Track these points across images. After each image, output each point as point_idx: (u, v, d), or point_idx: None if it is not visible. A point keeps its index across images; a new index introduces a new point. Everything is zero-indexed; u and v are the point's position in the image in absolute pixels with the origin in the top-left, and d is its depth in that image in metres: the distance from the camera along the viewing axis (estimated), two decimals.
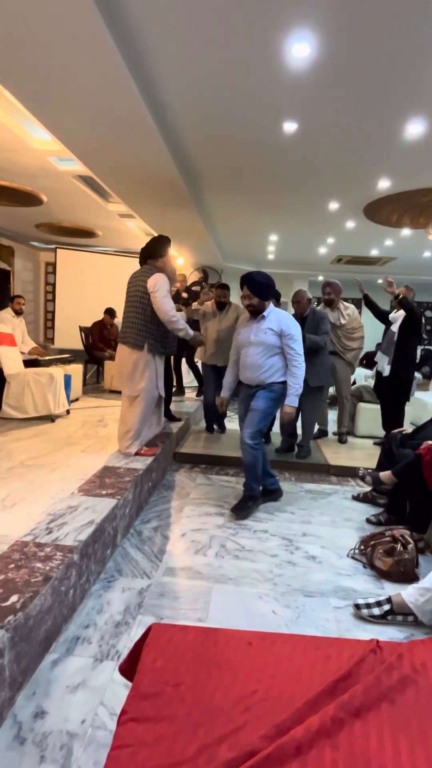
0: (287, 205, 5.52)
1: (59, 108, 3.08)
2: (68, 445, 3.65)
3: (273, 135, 3.54)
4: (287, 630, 1.95)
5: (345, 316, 4.63)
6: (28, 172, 4.81)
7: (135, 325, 3.30)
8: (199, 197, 5.30)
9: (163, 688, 0.86)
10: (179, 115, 3.33)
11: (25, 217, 6.88)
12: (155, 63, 2.70)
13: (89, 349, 7.18)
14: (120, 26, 2.37)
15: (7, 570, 1.81)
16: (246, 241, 7.86)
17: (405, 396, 4.40)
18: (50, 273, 9.95)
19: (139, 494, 3.05)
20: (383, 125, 3.31)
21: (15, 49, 2.43)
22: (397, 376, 4.30)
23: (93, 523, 2.27)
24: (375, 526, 3.03)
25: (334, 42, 2.42)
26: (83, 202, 5.90)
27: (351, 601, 2.16)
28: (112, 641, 1.83)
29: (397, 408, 4.46)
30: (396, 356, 4.28)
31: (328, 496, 3.56)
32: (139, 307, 3.29)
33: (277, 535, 2.84)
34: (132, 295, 3.37)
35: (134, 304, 3.33)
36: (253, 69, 2.70)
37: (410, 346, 4.31)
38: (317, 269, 10.36)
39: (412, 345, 4.32)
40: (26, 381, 4.40)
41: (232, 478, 3.83)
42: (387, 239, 7.11)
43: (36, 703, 1.51)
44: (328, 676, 0.91)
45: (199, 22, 2.33)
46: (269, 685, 0.89)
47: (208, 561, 2.49)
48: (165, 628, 1.01)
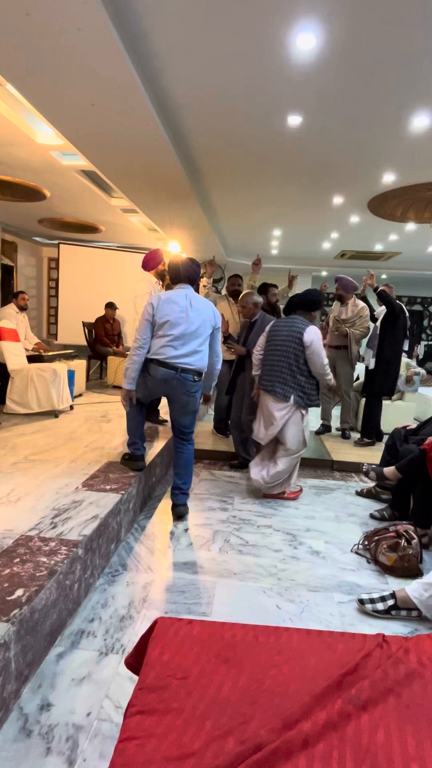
0: (291, 200, 5.48)
1: (62, 102, 3.06)
2: (72, 441, 3.66)
3: (277, 128, 3.51)
4: (291, 624, 1.95)
5: (349, 311, 4.63)
6: (31, 167, 4.80)
7: (282, 375, 3.24)
8: (203, 192, 5.28)
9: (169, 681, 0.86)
10: (182, 108, 3.30)
11: (28, 213, 6.86)
12: (159, 55, 2.68)
13: (92, 345, 7.18)
14: (123, 17, 2.35)
15: (12, 564, 1.82)
16: (249, 236, 7.82)
17: (383, 389, 4.43)
18: (53, 269, 9.94)
19: (142, 489, 3.06)
20: (388, 118, 3.28)
21: (18, 42, 2.41)
22: (380, 369, 4.36)
23: (97, 518, 2.28)
24: (379, 522, 3.03)
25: (339, 33, 2.39)
26: (86, 197, 5.88)
27: (355, 596, 2.17)
28: (116, 635, 1.84)
29: (373, 399, 4.50)
30: (379, 350, 4.36)
31: (331, 492, 3.56)
32: (292, 359, 3.22)
33: (281, 530, 2.84)
34: (282, 346, 3.28)
35: (286, 356, 3.24)
36: (258, 61, 2.67)
37: (392, 341, 4.35)
38: (321, 264, 10.31)
39: (394, 339, 4.35)
40: (30, 377, 4.41)
41: (236, 474, 3.83)
42: (391, 234, 7.06)
43: (42, 696, 1.52)
44: (334, 670, 0.91)
45: (203, 15, 2.31)
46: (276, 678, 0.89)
47: (212, 556, 2.49)
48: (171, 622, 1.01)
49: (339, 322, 4.67)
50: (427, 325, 13.26)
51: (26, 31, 2.33)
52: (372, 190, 4.91)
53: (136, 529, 2.78)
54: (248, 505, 3.21)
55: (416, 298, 13.13)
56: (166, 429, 4.24)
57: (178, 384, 2.78)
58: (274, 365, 3.25)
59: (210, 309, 2.88)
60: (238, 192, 5.25)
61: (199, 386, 2.87)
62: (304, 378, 3.21)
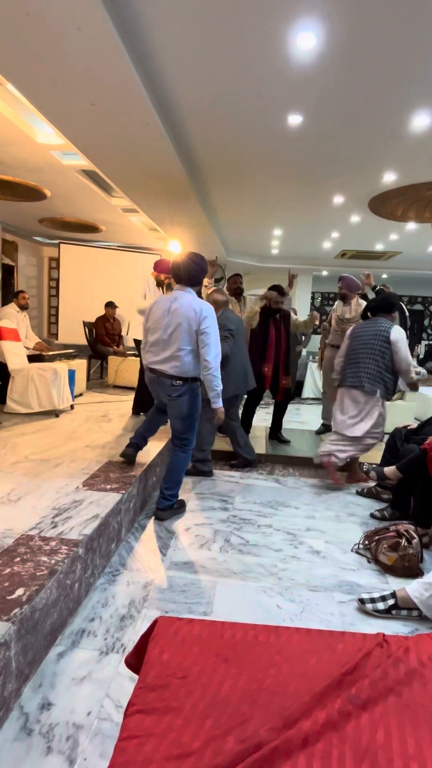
0: (291, 199, 5.48)
1: (63, 101, 3.06)
2: (72, 440, 3.66)
3: (277, 128, 3.51)
4: (292, 624, 1.95)
5: (353, 311, 4.62)
6: (31, 167, 4.80)
7: (369, 371, 3.49)
8: (203, 191, 5.27)
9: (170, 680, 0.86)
10: (183, 108, 3.30)
11: (29, 212, 6.87)
12: (159, 55, 2.68)
13: (93, 345, 7.18)
14: (123, 17, 2.35)
15: (13, 563, 1.82)
16: (250, 236, 7.82)
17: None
18: (54, 268, 9.95)
19: (143, 489, 3.06)
20: (389, 118, 3.27)
21: (18, 41, 2.41)
22: None
23: (98, 518, 2.28)
24: (379, 521, 3.03)
25: (339, 33, 2.39)
26: (87, 197, 5.88)
27: (355, 595, 2.17)
28: (117, 634, 1.84)
29: None
30: None
31: (332, 492, 3.56)
32: (378, 356, 3.48)
33: (282, 530, 2.84)
34: (367, 345, 3.52)
35: (372, 353, 3.50)
36: (258, 60, 2.67)
37: None
38: (321, 264, 10.30)
39: None
40: (30, 376, 4.41)
41: (236, 473, 3.83)
42: (392, 233, 7.06)
43: (42, 695, 1.53)
44: (335, 670, 0.91)
45: (203, 14, 2.31)
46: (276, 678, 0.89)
47: (213, 555, 2.49)
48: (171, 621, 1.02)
49: (343, 321, 4.66)
50: (428, 325, 13.25)
51: (26, 31, 2.33)
52: (372, 189, 4.91)
53: (136, 529, 2.79)
54: (249, 504, 3.21)
55: (417, 298, 13.13)
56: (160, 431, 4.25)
57: (159, 387, 2.86)
58: (360, 363, 3.52)
59: (190, 312, 2.69)
60: (239, 191, 5.25)
61: (181, 390, 2.78)
62: (388, 374, 3.51)
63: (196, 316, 2.69)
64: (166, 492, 2.94)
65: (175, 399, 2.80)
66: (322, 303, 13.77)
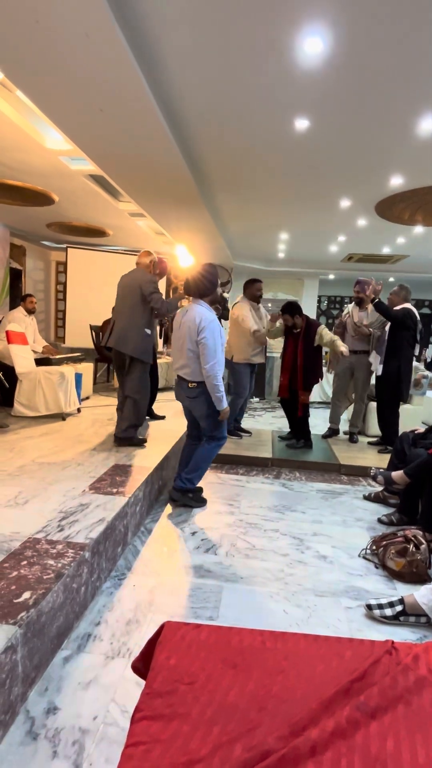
0: (298, 203, 5.48)
1: (71, 107, 3.09)
2: (79, 443, 3.67)
3: (284, 132, 3.51)
4: (298, 629, 1.94)
5: (370, 316, 4.60)
6: (40, 172, 4.84)
7: None
8: (210, 196, 5.29)
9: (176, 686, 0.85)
10: (190, 113, 3.32)
11: (37, 217, 6.92)
12: (166, 60, 2.70)
13: (100, 348, 7.21)
14: (131, 24, 2.37)
15: (20, 567, 1.82)
16: (256, 240, 7.83)
17: (397, 395, 4.43)
18: (61, 272, 10.00)
19: (149, 492, 3.06)
20: (396, 121, 3.27)
21: (28, 49, 2.44)
22: (390, 375, 4.35)
23: (104, 521, 2.28)
24: (387, 526, 3.00)
25: (346, 37, 2.40)
26: (94, 202, 5.92)
27: (363, 601, 2.15)
28: (123, 639, 1.83)
29: (389, 406, 4.49)
30: (387, 356, 4.34)
31: (339, 496, 3.54)
32: None
33: (288, 535, 2.83)
34: None
35: None
36: (265, 65, 2.68)
37: (400, 346, 4.33)
38: (328, 267, 10.28)
39: (401, 345, 4.34)
40: (38, 379, 4.43)
41: (242, 477, 3.82)
42: (399, 237, 7.03)
43: (48, 699, 1.52)
44: (343, 677, 0.90)
45: (210, 17, 2.32)
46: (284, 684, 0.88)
47: (219, 560, 2.48)
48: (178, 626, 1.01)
49: (360, 327, 4.64)
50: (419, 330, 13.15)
51: (36, 39, 2.35)
52: (379, 193, 4.90)
53: (142, 533, 2.78)
54: (255, 508, 3.20)
55: (424, 302, 13.07)
56: (168, 434, 4.25)
57: (180, 389, 3.09)
58: None
59: (192, 324, 2.88)
60: (245, 195, 5.26)
61: (197, 392, 2.98)
62: None
63: (196, 327, 2.88)
64: (184, 474, 3.12)
65: (193, 399, 3.02)
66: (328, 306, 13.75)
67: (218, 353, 2.89)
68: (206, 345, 2.84)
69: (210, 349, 2.84)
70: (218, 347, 2.90)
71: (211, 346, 2.84)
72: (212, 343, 2.85)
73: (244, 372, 4.63)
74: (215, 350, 2.87)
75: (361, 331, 4.62)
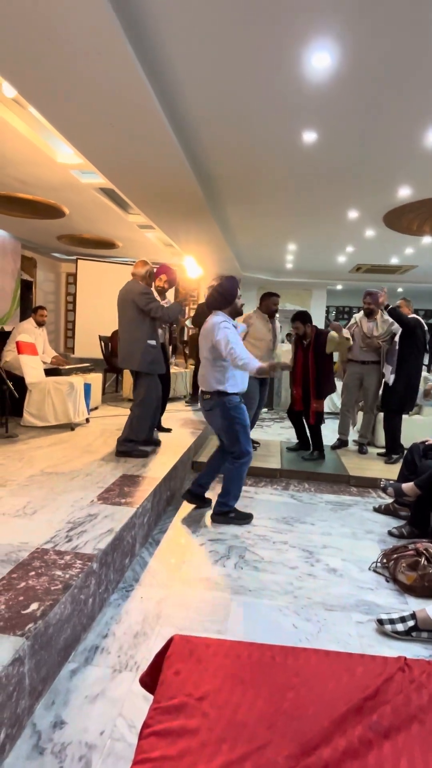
0: (306, 215, 5.51)
1: (82, 122, 3.15)
2: (88, 453, 3.68)
3: (292, 145, 3.55)
4: (308, 644, 1.91)
5: (380, 327, 4.58)
6: (51, 186, 4.92)
7: None
8: (218, 207, 5.34)
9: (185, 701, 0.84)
10: (199, 126, 3.37)
11: (48, 229, 7.03)
12: (176, 76, 2.75)
13: (108, 359, 7.25)
14: (140, 39, 2.42)
15: (28, 577, 1.82)
16: (264, 251, 7.87)
17: (403, 404, 4.42)
18: (71, 283, 10.12)
19: (157, 503, 3.05)
20: (404, 133, 3.29)
21: (40, 66, 2.50)
22: (400, 384, 4.33)
23: (112, 532, 2.27)
24: (397, 539, 2.95)
25: (353, 51, 2.42)
26: (104, 214, 6.00)
27: (373, 616, 2.11)
28: (130, 652, 1.81)
29: (395, 415, 4.47)
30: (399, 365, 4.33)
31: (348, 508, 3.50)
32: None
33: (297, 547, 2.80)
34: None
35: None
36: (273, 79, 2.72)
37: (411, 355, 4.32)
38: (336, 278, 10.30)
39: (412, 354, 4.32)
40: (47, 390, 4.46)
41: (251, 488, 3.80)
42: (407, 247, 7.04)
43: (55, 713, 1.51)
44: (354, 694, 0.88)
45: (219, 34, 2.36)
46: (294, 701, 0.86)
47: (227, 572, 2.46)
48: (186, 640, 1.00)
49: (369, 337, 4.62)
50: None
51: (48, 56, 2.41)
52: (388, 204, 4.91)
53: (150, 544, 2.77)
54: (263, 520, 3.17)
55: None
56: (176, 445, 4.24)
57: (200, 400, 3.16)
58: None
59: (206, 331, 2.99)
60: (254, 207, 5.30)
61: (211, 404, 3.03)
62: None
63: (211, 333, 2.96)
64: (219, 498, 3.14)
65: (209, 412, 3.09)
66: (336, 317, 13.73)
67: (234, 343, 2.89)
68: (220, 341, 2.89)
69: (223, 341, 2.88)
70: (234, 339, 2.91)
71: (223, 338, 2.88)
72: (224, 335, 2.89)
73: (253, 385, 4.62)
74: (229, 340, 2.88)
75: (371, 344, 4.60)
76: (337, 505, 3.54)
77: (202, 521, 3.11)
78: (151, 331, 3.63)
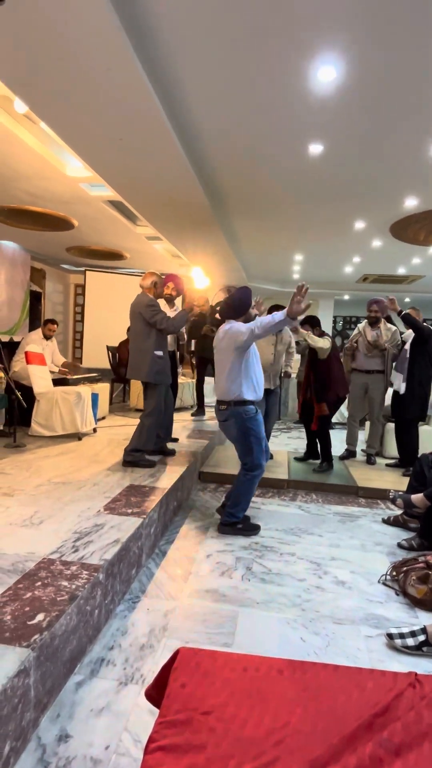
0: (313, 225, 5.54)
1: (91, 137, 3.21)
2: (95, 463, 3.68)
3: (299, 157, 3.58)
4: (316, 658, 1.88)
5: (384, 335, 4.57)
6: (61, 199, 5.00)
7: None
8: (225, 219, 5.39)
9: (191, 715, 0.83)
10: (207, 140, 3.41)
11: (57, 241, 7.12)
12: (184, 89, 2.79)
13: (116, 369, 7.28)
14: (150, 56, 2.47)
15: (34, 588, 1.81)
16: (271, 261, 7.91)
17: (418, 414, 4.38)
18: (79, 294, 10.23)
19: (164, 513, 3.03)
20: (410, 144, 3.31)
21: (52, 84, 2.55)
22: (411, 393, 4.29)
23: (118, 542, 2.26)
24: (407, 552, 2.91)
25: (359, 64, 2.45)
26: (112, 226, 6.07)
27: (383, 630, 2.07)
28: (136, 664, 1.80)
29: (411, 426, 4.43)
30: (409, 374, 4.29)
31: (356, 519, 3.46)
32: None
33: (305, 559, 2.76)
34: None
35: None
36: (280, 93, 2.75)
37: (422, 364, 4.30)
38: (343, 288, 10.32)
39: (423, 363, 4.30)
40: (55, 399, 4.48)
41: (258, 499, 3.77)
42: (414, 257, 7.04)
43: (60, 726, 1.49)
44: (364, 710, 0.86)
45: (226, 50, 2.40)
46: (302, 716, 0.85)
47: (234, 584, 2.43)
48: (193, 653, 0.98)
49: (375, 346, 4.61)
50: None
51: (59, 73, 2.47)
52: (394, 214, 4.93)
53: (156, 555, 2.75)
54: (271, 531, 3.14)
55: None
56: (183, 455, 4.23)
57: (216, 411, 3.14)
58: None
59: (219, 339, 3.02)
60: (260, 218, 5.34)
61: (226, 414, 3.01)
62: None
63: (225, 335, 2.98)
64: (228, 509, 3.12)
65: (224, 423, 3.08)
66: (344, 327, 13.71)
67: (250, 325, 2.87)
68: (243, 330, 2.86)
69: (245, 327, 2.88)
70: (248, 327, 2.87)
71: (244, 326, 2.89)
72: (237, 327, 2.91)
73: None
74: (242, 327, 2.89)
75: (378, 344, 4.58)
76: (346, 517, 3.50)
77: (210, 532, 3.09)
78: (158, 342, 3.65)
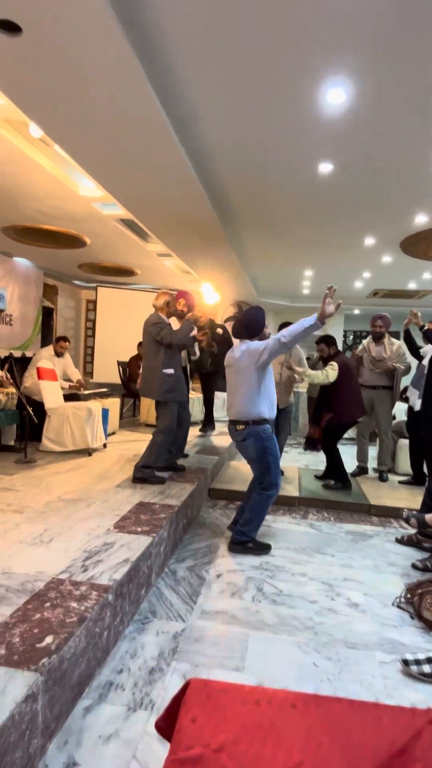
0: (323, 242, 5.57)
1: (103, 158, 3.27)
2: (104, 480, 3.68)
3: (309, 176, 3.62)
4: (329, 685, 1.83)
5: (388, 350, 4.55)
6: (74, 217, 5.10)
7: None
8: (235, 236, 5.44)
9: (203, 752, 0.80)
10: (217, 159, 3.46)
11: (70, 258, 7.24)
12: (195, 111, 2.84)
13: (126, 384, 7.32)
14: (161, 77, 2.52)
15: (43, 609, 1.80)
16: (281, 277, 7.94)
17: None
18: (91, 310, 10.35)
19: (174, 532, 3.01)
20: (419, 162, 3.33)
21: (66, 110, 2.62)
22: (427, 410, 4.22)
23: (128, 562, 2.24)
24: (422, 573, 2.85)
25: (368, 86, 2.48)
26: (124, 244, 6.17)
27: (398, 655, 2.02)
28: (145, 689, 1.76)
29: (423, 442, 4.34)
30: (427, 390, 4.22)
31: (369, 539, 3.40)
32: None
33: (317, 579, 2.71)
34: None
35: None
36: (290, 113, 2.79)
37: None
38: (353, 303, 10.29)
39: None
40: (66, 415, 4.51)
41: (269, 516, 3.73)
42: (425, 272, 7.02)
43: (68, 754, 1.46)
44: (381, 749, 0.83)
45: (236, 70, 2.45)
46: (316, 755, 0.82)
47: (245, 605, 2.39)
48: (204, 684, 0.96)
49: (379, 361, 4.58)
50: None
51: (73, 99, 2.53)
52: (404, 231, 4.94)
53: (166, 574, 2.72)
54: (282, 550, 3.10)
55: None
56: (193, 471, 4.21)
57: (231, 434, 3.12)
58: None
59: (236, 358, 2.99)
60: (270, 235, 5.38)
61: (244, 434, 2.96)
62: None
63: (248, 352, 2.93)
64: (240, 527, 3.09)
65: (241, 443, 3.03)
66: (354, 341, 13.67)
67: (276, 336, 2.88)
68: (264, 348, 2.85)
69: (265, 344, 2.86)
70: (274, 338, 2.88)
71: (257, 345, 2.90)
72: (255, 346, 2.91)
73: None
74: (260, 344, 2.89)
75: (384, 366, 4.55)
76: (358, 536, 3.44)
77: (220, 551, 3.05)
78: (167, 360, 3.66)
